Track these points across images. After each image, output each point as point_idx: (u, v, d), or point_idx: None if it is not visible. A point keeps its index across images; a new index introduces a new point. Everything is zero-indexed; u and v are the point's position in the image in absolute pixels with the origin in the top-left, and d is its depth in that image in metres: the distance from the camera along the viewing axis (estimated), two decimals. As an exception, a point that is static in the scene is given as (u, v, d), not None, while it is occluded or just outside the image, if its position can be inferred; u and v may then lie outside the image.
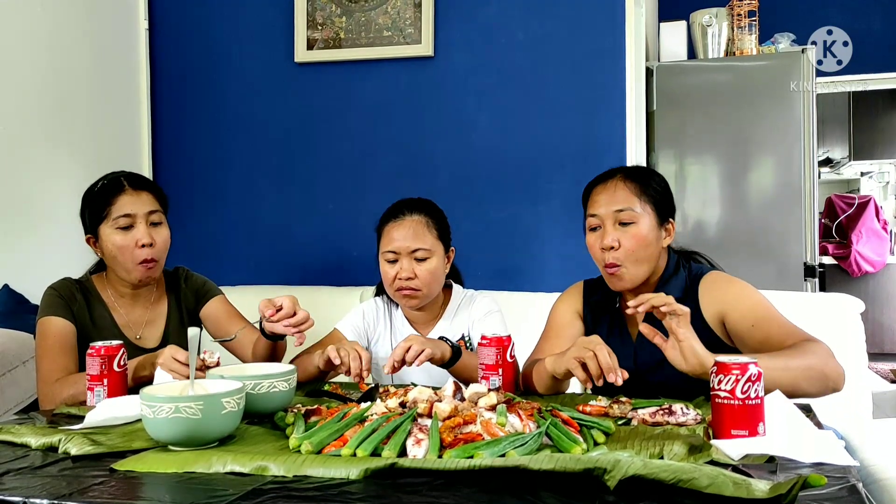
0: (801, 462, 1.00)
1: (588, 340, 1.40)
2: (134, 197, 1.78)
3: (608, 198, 1.66)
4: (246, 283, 2.91)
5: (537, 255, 2.82)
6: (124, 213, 1.75)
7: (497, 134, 2.86)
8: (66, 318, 1.75)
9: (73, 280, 1.85)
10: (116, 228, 1.75)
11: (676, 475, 0.88)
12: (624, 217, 1.63)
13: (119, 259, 1.77)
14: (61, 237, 2.68)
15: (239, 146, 3.10)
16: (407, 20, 2.90)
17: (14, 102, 2.50)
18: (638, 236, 1.63)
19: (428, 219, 1.92)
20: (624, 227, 1.63)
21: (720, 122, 3.33)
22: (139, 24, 3.09)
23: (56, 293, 1.79)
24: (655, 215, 1.66)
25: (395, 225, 1.91)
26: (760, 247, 3.29)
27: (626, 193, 1.65)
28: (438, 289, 1.95)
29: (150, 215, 1.78)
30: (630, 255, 1.62)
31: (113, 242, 1.76)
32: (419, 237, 1.88)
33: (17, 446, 1.19)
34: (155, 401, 1.11)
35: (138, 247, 1.75)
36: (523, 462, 0.94)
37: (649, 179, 1.70)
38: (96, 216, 1.78)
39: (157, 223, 1.80)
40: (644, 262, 1.64)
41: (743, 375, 1.10)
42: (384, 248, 1.91)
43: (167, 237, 1.82)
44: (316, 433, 1.12)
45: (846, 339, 2.13)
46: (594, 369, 1.34)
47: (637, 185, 1.66)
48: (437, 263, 1.90)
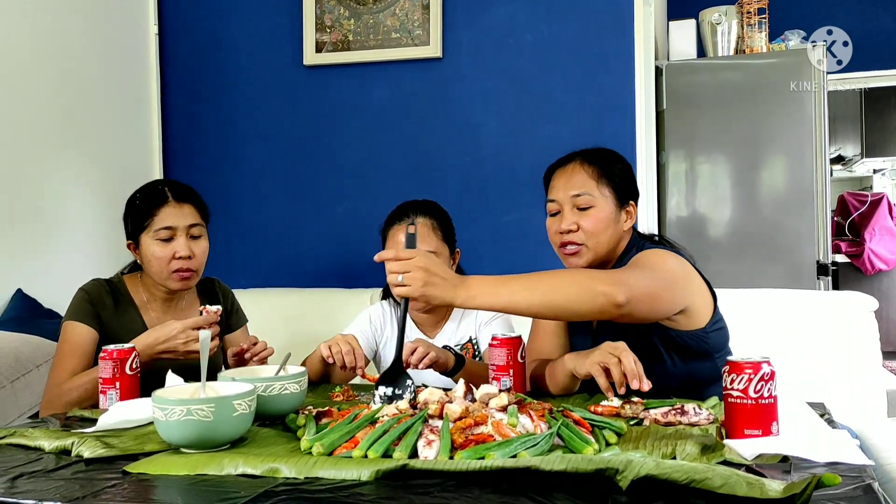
0: (816, 461, 0.99)
1: (613, 346, 1.37)
2: (176, 209, 1.78)
3: (565, 182, 1.66)
4: (257, 287, 2.92)
5: (545, 258, 2.80)
6: (165, 225, 1.76)
7: (505, 135, 2.86)
8: (89, 324, 1.75)
9: (105, 281, 1.85)
10: (157, 239, 1.77)
11: (689, 475, 0.88)
12: (581, 202, 1.63)
13: (156, 268, 1.78)
14: (74, 242, 2.70)
15: (248, 149, 3.11)
16: (415, 22, 2.90)
17: (26, 108, 2.52)
18: (595, 219, 1.62)
19: (433, 221, 1.92)
20: (581, 211, 1.63)
21: (731, 121, 3.32)
22: (149, 30, 3.11)
23: (86, 297, 1.79)
24: (615, 199, 1.66)
25: (400, 228, 1.90)
26: (773, 246, 3.27)
27: (584, 177, 1.65)
28: None
29: (190, 228, 1.79)
30: (590, 237, 1.62)
31: (152, 253, 1.77)
32: (424, 240, 1.87)
33: (31, 449, 1.19)
34: (167, 403, 1.12)
35: (176, 258, 1.77)
36: (535, 463, 0.94)
37: (609, 163, 1.69)
38: (138, 225, 1.79)
39: (196, 236, 1.81)
40: (604, 245, 1.64)
41: (756, 375, 1.09)
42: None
43: (206, 249, 1.84)
44: (327, 435, 1.12)
45: (860, 337, 2.11)
46: (617, 376, 1.32)
47: (596, 169, 1.66)
48: None
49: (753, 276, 3.21)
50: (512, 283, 1.36)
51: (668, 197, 3.37)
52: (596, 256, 1.64)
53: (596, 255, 1.64)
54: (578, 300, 1.35)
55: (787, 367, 1.55)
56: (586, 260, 1.64)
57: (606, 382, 1.35)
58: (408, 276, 1.30)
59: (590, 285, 1.36)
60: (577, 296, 1.35)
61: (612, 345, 1.39)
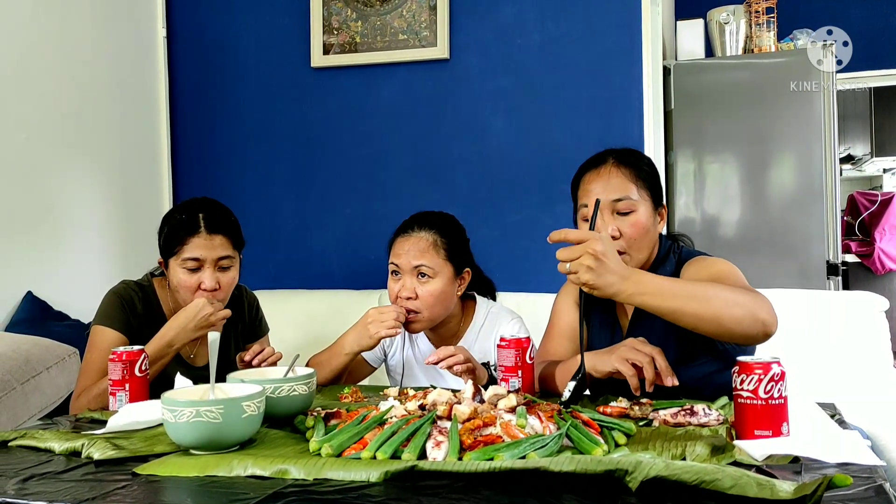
0: (827, 462, 0.98)
1: (641, 343, 1.36)
2: (207, 241, 1.74)
3: (603, 186, 1.58)
4: (265, 288, 2.92)
5: (554, 259, 2.80)
6: (194, 256, 1.73)
7: (513, 136, 2.86)
8: (119, 329, 1.75)
9: (135, 285, 1.84)
10: (184, 268, 1.74)
11: (699, 476, 0.87)
12: (622, 207, 1.56)
13: (181, 294, 1.77)
14: (83, 245, 2.71)
15: (257, 151, 3.12)
16: (422, 23, 2.90)
17: (35, 112, 2.53)
18: (638, 225, 1.56)
19: (437, 237, 1.83)
20: (622, 216, 1.56)
21: (739, 121, 3.30)
22: (157, 33, 3.12)
23: (118, 300, 1.78)
24: (651, 201, 1.60)
25: (402, 239, 1.84)
26: (782, 245, 3.26)
27: (622, 180, 1.57)
28: (443, 313, 1.85)
29: (219, 261, 1.76)
30: (633, 244, 1.56)
31: (178, 279, 1.75)
32: (423, 254, 1.80)
33: (41, 451, 1.20)
34: (176, 405, 1.12)
35: (201, 289, 1.74)
36: (544, 464, 0.94)
37: (640, 163, 1.63)
38: (168, 249, 1.77)
39: (226, 267, 1.78)
40: (645, 250, 1.59)
41: (766, 375, 1.08)
42: (390, 260, 1.85)
43: (234, 279, 1.80)
44: (336, 436, 1.12)
45: (871, 337, 2.11)
46: (650, 375, 1.30)
47: (631, 171, 1.59)
48: (443, 286, 1.80)
49: (763, 276, 3.19)
50: (684, 290, 1.30)
51: (676, 197, 3.36)
52: (636, 264, 1.57)
53: (636, 262, 1.57)
54: (741, 325, 1.31)
55: (797, 367, 1.54)
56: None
57: (637, 381, 1.33)
58: (575, 262, 1.25)
59: (753, 311, 1.31)
60: (742, 319, 1.30)
61: (636, 342, 1.37)
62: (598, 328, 1.69)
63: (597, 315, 1.70)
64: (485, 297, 2.01)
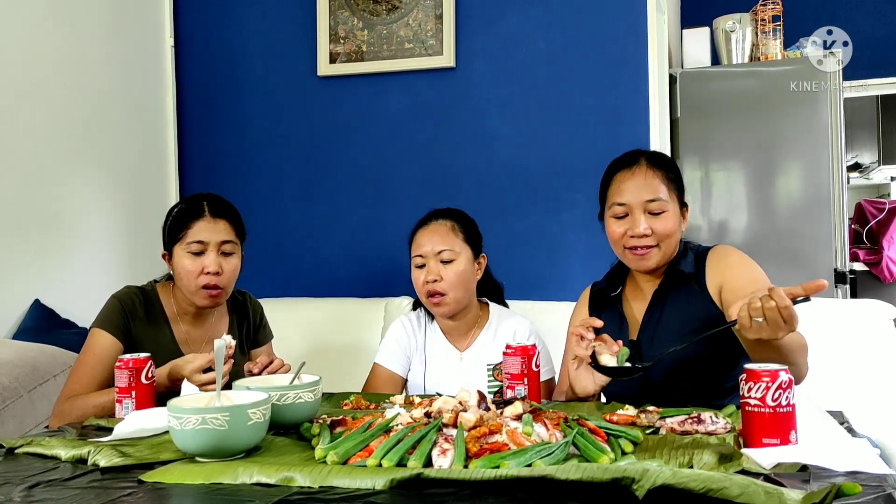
0: (835, 470, 0.98)
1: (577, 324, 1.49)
2: (210, 224, 1.80)
3: (636, 186, 1.64)
4: (272, 296, 2.92)
5: (561, 265, 2.80)
6: (197, 239, 1.78)
7: (520, 144, 2.86)
8: (116, 335, 1.75)
9: (138, 290, 1.86)
10: (188, 252, 1.78)
11: (706, 484, 0.87)
12: (654, 207, 1.63)
13: (185, 281, 1.80)
14: (91, 252, 2.72)
15: (264, 160, 3.13)
16: (428, 32, 2.91)
17: (43, 120, 2.55)
18: (667, 224, 1.63)
19: (454, 223, 1.97)
20: (654, 216, 1.63)
21: (746, 129, 3.30)
22: (165, 42, 3.14)
23: (119, 306, 1.79)
24: (678, 202, 1.67)
25: (423, 231, 1.97)
26: (790, 253, 3.25)
27: (656, 182, 1.64)
28: (467, 294, 1.95)
29: (222, 245, 1.81)
30: (663, 240, 1.63)
31: (182, 265, 1.79)
32: (444, 239, 1.93)
33: (47, 458, 1.20)
34: (182, 412, 1.12)
35: (204, 273, 1.78)
36: (550, 472, 0.93)
37: (670, 166, 1.70)
38: (172, 236, 1.81)
39: (228, 253, 1.82)
40: (672, 247, 1.66)
41: (773, 383, 1.08)
42: (413, 253, 1.96)
43: (236, 267, 1.85)
44: (341, 444, 1.12)
45: (879, 345, 2.09)
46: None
47: (662, 172, 1.66)
48: (465, 266, 1.92)
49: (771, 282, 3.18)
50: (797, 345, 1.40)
51: (683, 205, 3.35)
52: (664, 258, 1.65)
53: (665, 256, 1.65)
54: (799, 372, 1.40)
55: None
56: (656, 261, 1.64)
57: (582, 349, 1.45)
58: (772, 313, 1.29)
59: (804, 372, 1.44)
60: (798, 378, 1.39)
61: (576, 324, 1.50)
62: (608, 324, 1.72)
63: (606, 311, 1.75)
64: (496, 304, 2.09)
